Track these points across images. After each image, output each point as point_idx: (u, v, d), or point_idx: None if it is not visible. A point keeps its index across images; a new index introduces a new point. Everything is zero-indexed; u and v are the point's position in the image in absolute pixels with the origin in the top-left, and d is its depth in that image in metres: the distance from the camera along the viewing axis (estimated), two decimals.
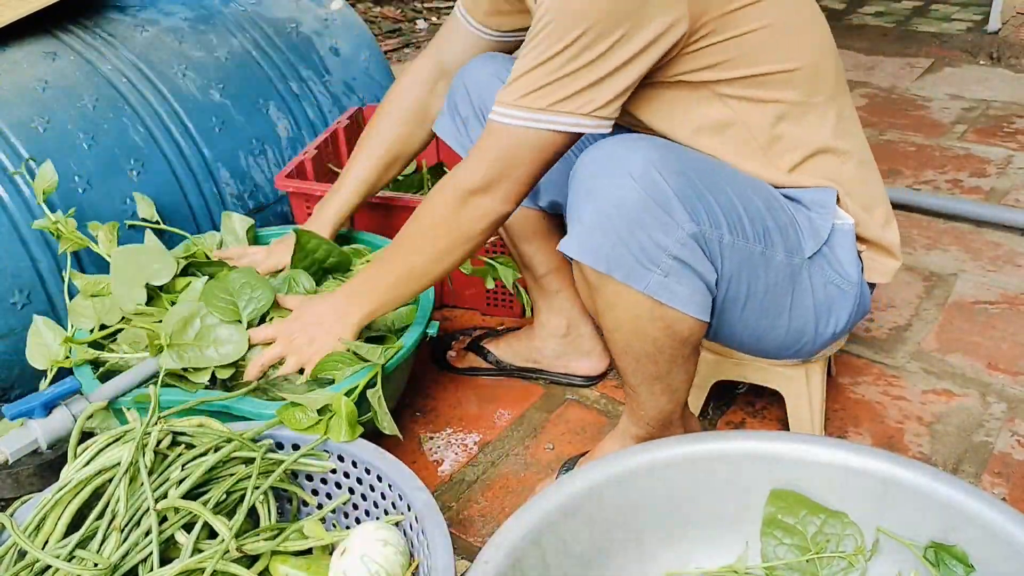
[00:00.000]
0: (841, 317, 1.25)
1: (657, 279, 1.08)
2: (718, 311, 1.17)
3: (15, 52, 1.63)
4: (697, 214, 1.07)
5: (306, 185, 1.73)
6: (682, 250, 1.07)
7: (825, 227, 1.19)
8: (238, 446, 1.10)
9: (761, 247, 1.13)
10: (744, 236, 1.12)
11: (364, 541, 1.02)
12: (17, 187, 1.48)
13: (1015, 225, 2.15)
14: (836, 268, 1.21)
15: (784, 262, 1.16)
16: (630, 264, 1.07)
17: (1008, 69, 3.30)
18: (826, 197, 1.20)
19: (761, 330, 1.23)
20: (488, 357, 1.66)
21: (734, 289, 1.15)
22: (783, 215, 1.17)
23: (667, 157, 1.07)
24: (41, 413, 1.15)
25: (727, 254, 1.11)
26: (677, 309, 1.10)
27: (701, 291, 1.11)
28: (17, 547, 0.99)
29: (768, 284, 1.16)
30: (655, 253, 1.06)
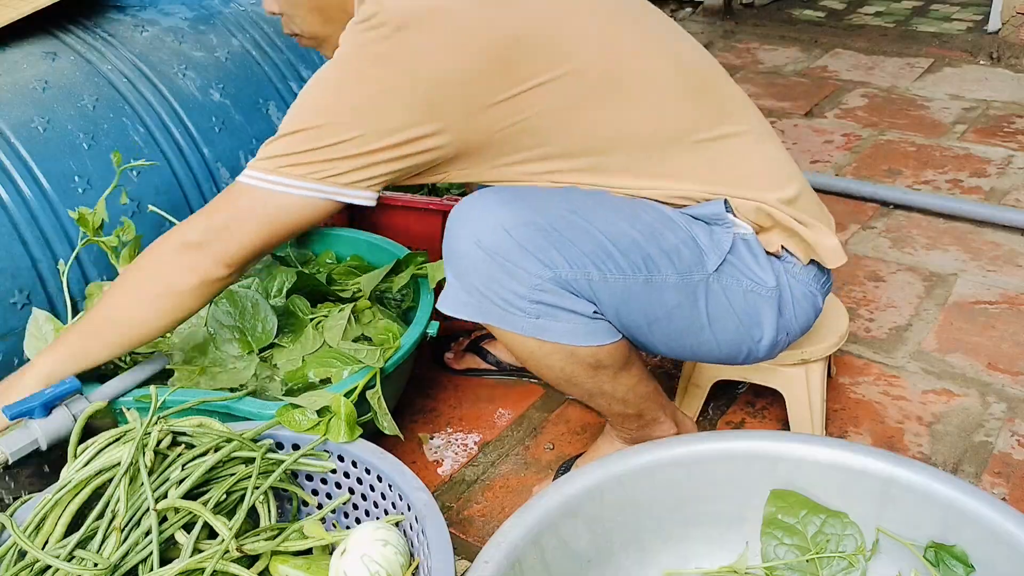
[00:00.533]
0: (771, 320, 1.22)
1: (529, 322, 1.11)
2: (627, 334, 1.18)
3: (15, 52, 1.63)
4: (550, 260, 1.09)
5: None
6: (542, 295, 1.10)
7: (726, 240, 1.18)
8: (238, 446, 1.10)
9: (644, 275, 1.13)
10: (618, 269, 1.11)
11: (364, 541, 1.02)
12: (17, 187, 1.48)
13: (1015, 225, 2.15)
14: (749, 276, 1.20)
15: (679, 283, 1.15)
16: (498, 313, 1.12)
17: (1008, 69, 3.30)
18: (716, 209, 1.18)
19: (689, 346, 1.23)
20: (488, 358, 1.66)
21: (627, 318, 1.15)
22: (670, 237, 1.15)
23: (516, 209, 1.09)
24: (41, 413, 1.15)
25: (599, 288, 1.11)
26: (562, 343, 1.12)
27: (581, 322, 1.12)
28: (17, 547, 0.99)
29: (669, 306, 1.16)
30: (516, 301, 1.10)
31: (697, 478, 1.11)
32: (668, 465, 1.10)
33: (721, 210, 1.18)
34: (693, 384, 1.51)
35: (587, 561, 1.07)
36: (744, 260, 1.19)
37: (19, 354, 1.45)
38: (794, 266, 1.23)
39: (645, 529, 1.12)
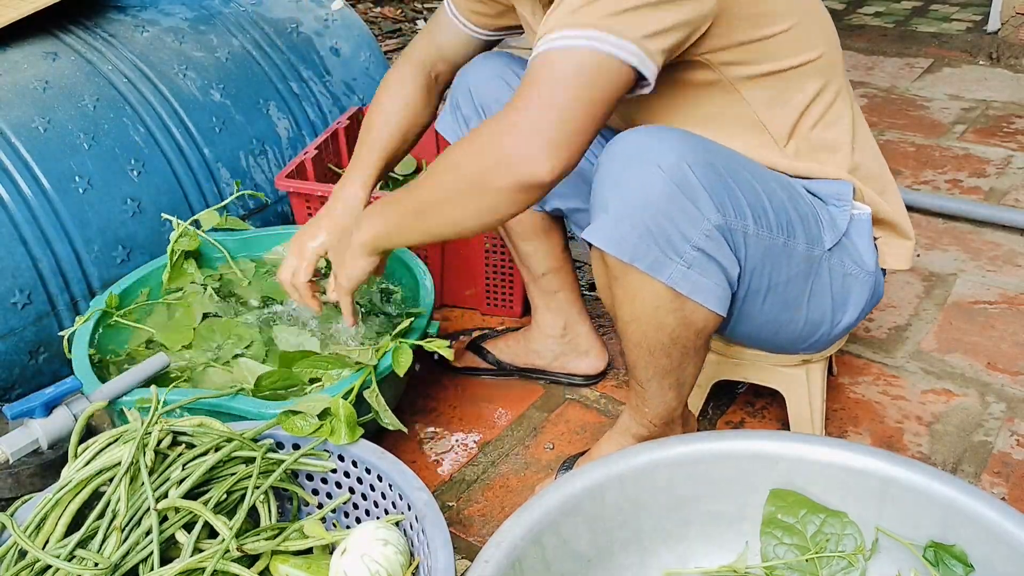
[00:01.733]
0: (856, 307, 1.26)
1: (680, 270, 1.07)
2: (739, 303, 1.17)
3: (15, 52, 1.63)
4: (723, 205, 1.07)
5: (306, 185, 1.73)
6: (707, 242, 1.07)
7: (843, 219, 1.20)
8: (239, 446, 1.10)
9: (784, 238, 1.14)
10: (768, 227, 1.12)
11: (364, 541, 1.02)
12: (17, 187, 1.48)
13: (1015, 225, 2.15)
14: (855, 259, 1.22)
15: (804, 253, 1.17)
16: (655, 254, 1.06)
17: (1007, 69, 3.30)
18: (843, 189, 1.21)
19: (780, 323, 1.23)
20: (488, 358, 1.66)
21: (756, 281, 1.15)
22: (804, 206, 1.17)
23: (696, 148, 1.07)
24: (42, 413, 1.15)
25: (751, 244, 1.11)
26: (696, 301, 1.10)
27: (722, 285, 1.11)
28: (17, 547, 0.99)
29: (789, 275, 1.17)
30: (680, 244, 1.06)
31: (697, 478, 1.11)
32: (668, 465, 1.10)
33: (848, 193, 1.20)
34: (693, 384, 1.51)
35: (587, 561, 1.08)
36: (853, 242, 1.22)
37: (20, 354, 1.45)
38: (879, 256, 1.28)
39: (645, 528, 1.12)
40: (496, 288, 1.81)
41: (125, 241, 1.58)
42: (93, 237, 1.53)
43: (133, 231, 1.59)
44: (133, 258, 1.58)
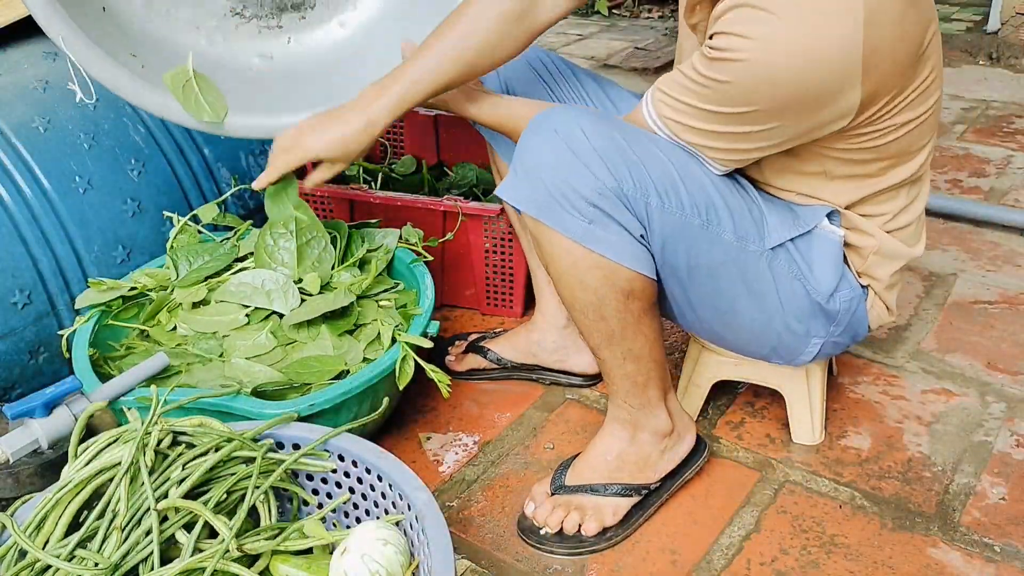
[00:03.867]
0: (815, 327, 1.26)
1: (582, 225, 1.14)
2: (662, 275, 1.21)
3: (15, 52, 1.63)
4: (617, 171, 1.13)
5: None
6: (601, 200, 1.13)
7: (804, 224, 1.22)
8: (239, 446, 1.10)
9: (700, 220, 1.17)
10: (679, 204, 1.16)
11: (364, 540, 1.02)
12: (18, 187, 1.48)
13: (1015, 225, 2.15)
14: (803, 268, 1.23)
15: (733, 244, 1.19)
16: (555, 210, 1.14)
17: (1007, 69, 3.30)
18: (818, 209, 1.23)
19: (721, 313, 1.25)
20: (488, 355, 1.66)
21: (672, 254, 1.18)
22: (738, 201, 1.20)
23: (597, 121, 1.15)
24: (42, 413, 1.15)
25: (655, 216, 1.15)
26: (607, 257, 1.15)
27: (628, 240, 1.16)
28: (17, 547, 0.99)
29: (716, 261, 1.20)
30: (576, 201, 1.13)
31: None
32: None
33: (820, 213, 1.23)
34: (693, 384, 1.51)
35: None
36: (809, 253, 1.23)
37: (20, 354, 1.45)
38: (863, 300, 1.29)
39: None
40: (496, 288, 1.81)
41: (125, 241, 1.58)
42: (93, 237, 1.53)
43: (133, 231, 1.59)
44: (133, 258, 1.59)
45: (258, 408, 1.23)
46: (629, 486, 1.31)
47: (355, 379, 1.28)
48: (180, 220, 1.57)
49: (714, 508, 1.36)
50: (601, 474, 1.32)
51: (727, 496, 1.38)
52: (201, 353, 1.38)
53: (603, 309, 1.19)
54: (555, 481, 1.35)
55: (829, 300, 1.25)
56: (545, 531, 1.30)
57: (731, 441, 1.50)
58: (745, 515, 1.35)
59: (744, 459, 1.46)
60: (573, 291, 1.20)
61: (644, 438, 1.32)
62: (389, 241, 1.59)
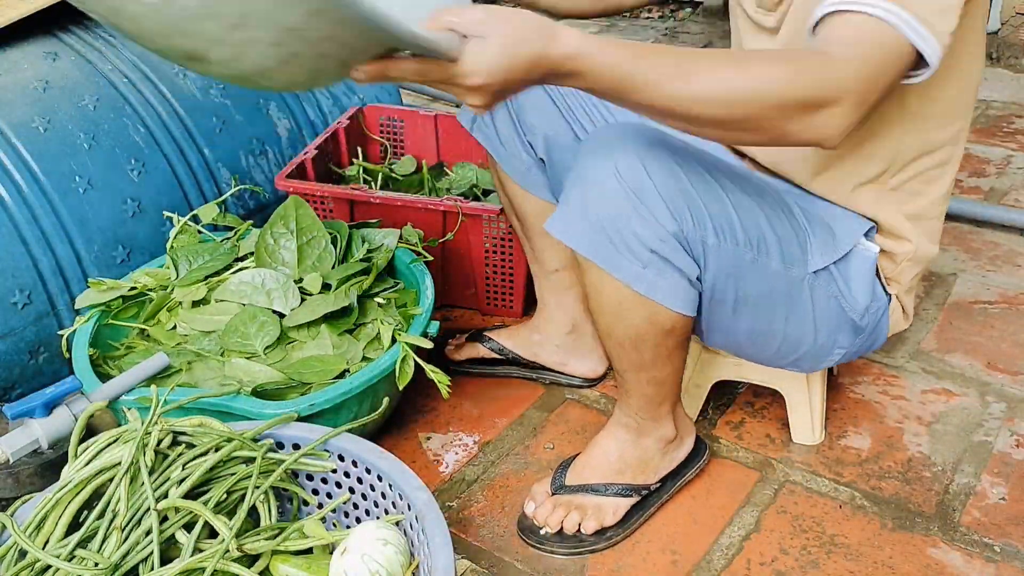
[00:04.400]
0: (842, 339, 1.26)
1: (636, 270, 1.10)
2: (706, 310, 1.18)
3: (15, 52, 1.63)
4: (679, 213, 1.09)
5: (306, 185, 1.73)
6: (662, 246, 1.09)
7: (843, 246, 1.21)
8: (239, 446, 1.10)
9: (752, 254, 1.15)
10: (734, 240, 1.13)
11: (364, 540, 1.02)
12: (18, 187, 1.48)
13: (1015, 225, 2.15)
14: (842, 288, 1.22)
15: (780, 272, 1.17)
16: (610, 252, 1.10)
17: (1008, 69, 3.30)
18: (858, 224, 1.23)
19: (755, 335, 1.24)
20: (489, 344, 1.64)
21: (720, 291, 1.16)
22: (786, 227, 1.18)
23: (659, 153, 1.09)
24: (42, 413, 1.15)
25: (711, 255, 1.12)
26: (656, 301, 1.12)
27: (682, 286, 1.13)
28: (17, 547, 0.99)
29: (760, 291, 1.18)
30: (635, 245, 1.09)
31: None
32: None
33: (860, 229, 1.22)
34: (693, 384, 1.51)
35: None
36: (848, 273, 1.22)
37: (20, 354, 1.45)
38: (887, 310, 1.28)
39: None
40: (496, 288, 1.81)
41: (125, 241, 1.58)
42: (93, 237, 1.53)
43: (133, 231, 1.59)
44: (133, 258, 1.59)
45: (258, 408, 1.23)
46: (629, 487, 1.31)
47: (355, 379, 1.28)
48: (180, 220, 1.57)
49: (714, 508, 1.36)
50: (602, 474, 1.32)
51: (727, 496, 1.38)
52: (200, 351, 1.38)
53: (640, 344, 1.18)
54: (555, 481, 1.35)
55: (863, 316, 1.25)
56: (545, 531, 1.30)
57: (731, 441, 1.50)
58: (745, 515, 1.35)
59: (744, 459, 1.46)
60: (612, 324, 1.17)
61: (647, 443, 1.32)
62: (389, 241, 1.59)
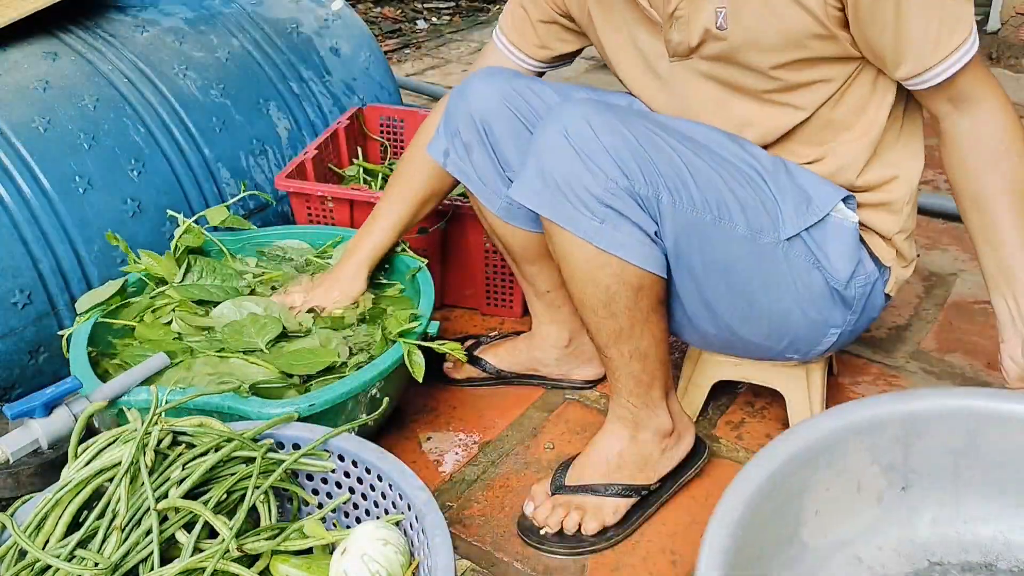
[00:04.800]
0: (834, 315, 1.26)
1: (594, 224, 1.15)
2: (677, 277, 1.21)
3: (15, 52, 1.63)
4: (628, 169, 1.13)
5: (306, 185, 1.73)
6: (613, 199, 1.14)
7: (818, 211, 1.22)
8: (239, 446, 1.10)
9: (712, 216, 1.17)
10: (690, 201, 1.16)
11: (364, 540, 1.02)
12: (17, 187, 1.48)
13: None
14: (819, 257, 1.23)
15: (747, 237, 1.19)
16: (567, 209, 1.15)
17: (1008, 69, 3.30)
18: (833, 192, 1.23)
19: (738, 309, 1.25)
20: (486, 367, 1.63)
21: (685, 252, 1.19)
22: (748, 193, 1.19)
23: (606, 116, 1.15)
24: (42, 413, 1.15)
25: (667, 213, 1.16)
26: (619, 256, 1.15)
27: (640, 239, 1.16)
28: (17, 547, 0.99)
29: (729, 256, 1.20)
30: (588, 200, 1.14)
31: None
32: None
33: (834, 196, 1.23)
34: (693, 384, 1.51)
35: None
36: (824, 241, 1.23)
37: (20, 354, 1.45)
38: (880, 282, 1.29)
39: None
40: (496, 288, 1.81)
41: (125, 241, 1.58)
42: (93, 237, 1.53)
43: (133, 231, 1.59)
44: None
45: (258, 408, 1.23)
46: (629, 486, 1.31)
47: (355, 379, 1.28)
48: (185, 221, 1.56)
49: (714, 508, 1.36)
50: (601, 474, 1.32)
51: None
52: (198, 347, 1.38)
53: (613, 305, 1.20)
54: (555, 481, 1.35)
55: (847, 287, 1.25)
56: (545, 531, 1.30)
57: (731, 441, 1.50)
58: None
59: (744, 459, 1.46)
60: (584, 288, 1.20)
61: (645, 437, 1.32)
62: None
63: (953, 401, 1.11)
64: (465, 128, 1.38)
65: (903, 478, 1.11)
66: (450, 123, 1.40)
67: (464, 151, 1.40)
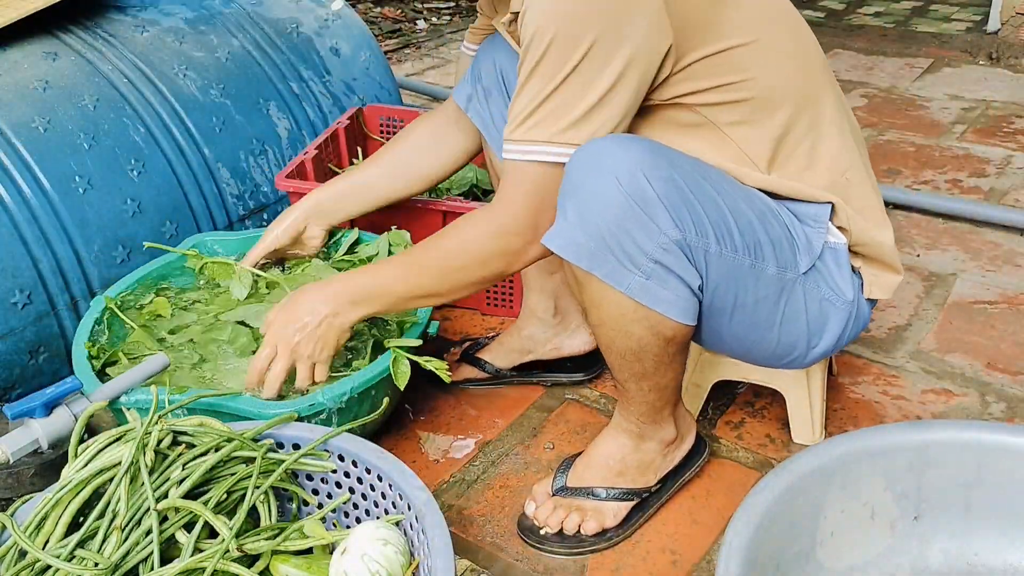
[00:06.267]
0: (833, 333, 1.26)
1: (638, 281, 1.09)
2: (705, 318, 1.18)
3: (15, 52, 1.63)
4: (682, 221, 1.08)
5: (306, 185, 1.73)
6: (664, 255, 1.08)
7: (818, 242, 1.20)
8: (239, 446, 1.10)
9: (750, 260, 1.14)
10: (732, 247, 1.12)
11: (364, 540, 1.02)
12: (18, 187, 1.48)
13: (1015, 225, 2.15)
14: (830, 284, 1.22)
15: (775, 276, 1.17)
16: (611, 264, 1.08)
17: (1007, 69, 3.30)
18: (821, 212, 1.21)
19: (750, 341, 1.24)
20: (486, 367, 1.63)
21: (720, 298, 1.16)
22: (776, 229, 1.17)
23: (658, 161, 1.08)
24: (42, 413, 1.15)
25: (713, 263, 1.12)
26: (659, 312, 1.11)
27: (684, 296, 1.12)
28: (17, 547, 0.99)
29: (758, 296, 1.17)
30: (636, 256, 1.08)
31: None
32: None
33: (824, 215, 1.20)
34: (693, 384, 1.51)
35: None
36: (829, 268, 1.21)
37: (20, 354, 1.45)
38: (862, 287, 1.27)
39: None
40: (496, 288, 1.81)
41: (125, 241, 1.58)
42: (93, 237, 1.53)
43: (133, 231, 1.59)
44: (133, 258, 1.59)
45: (258, 408, 1.23)
46: (631, 491, 1.31)
47: (355, 379, 1.28)
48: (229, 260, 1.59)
49: (714, 508, 1.36)
50: (603, 477, 1.32)
51: (727, 496, 1.38)
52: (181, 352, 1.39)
53: (642, 355, 1.17)
54: (556, 481, 1.35)
55: (852, 307, 1.24)
56: (545, 531, 1.30)
57: (731, 441, 1.50)
58: None
59: (744, 459, 1.46)
60: (613, 338, 1.17)
61: (649, 447, 1.32)
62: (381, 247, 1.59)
63: (964, 433, 1.12)
64: (487, 74, 1.45)
65: (915, 507, 1.12)
66: (475, 69, 1.48)
67: (484, 96, 1.46)
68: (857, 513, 1.10)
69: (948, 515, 1.13)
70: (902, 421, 1.54)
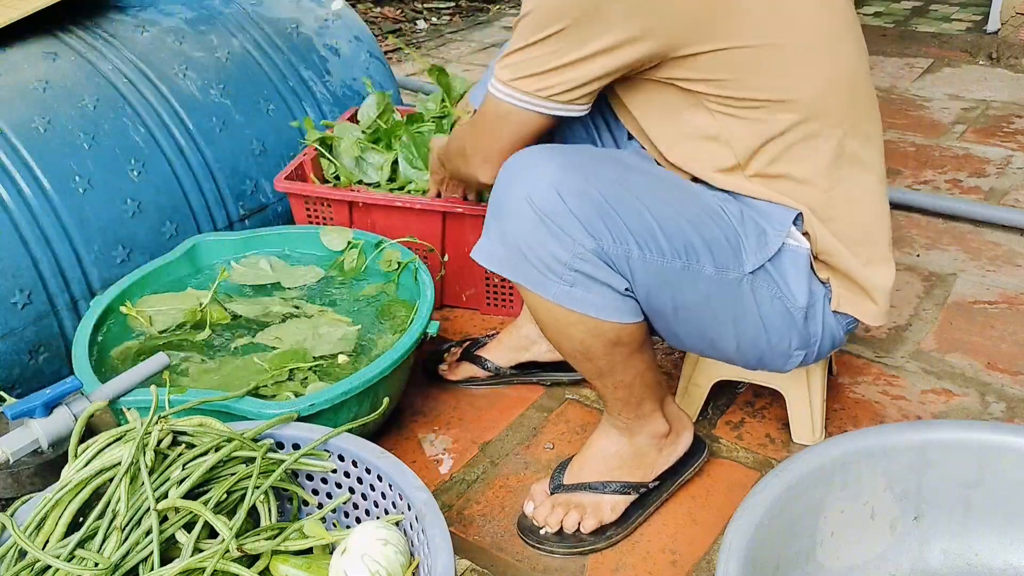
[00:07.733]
0: (795, 340, 1.25)
1: (562, 288, 1.13)
2: (652, 319, 1.20)
3: (15, 52, 1.63)
4: (597, 231, 1.11)
5: (306, 187, 1.73)
6: (583, 264, 1.12)
7: (775, 243, 1.20)
8: (239, 446, 1.10)
9: (682, 262, 1.15)
10: (659, 252, 1.14)
11: (364, 540, 1.02)
12: (18, 187, 1.48)
13: (1015, 225, 2.15)
14: (780, 286, 1.21)
15: (714, 276, 1.17)
16: (533, 274, 1.14)
17: (1007, 69, 3.30)
18: (785, 215, 1.20)
19: (707, 340, 1.25)
20: (486, 365, 1.63)
21: (657, 299, 1.17)
22: (715, 230, 1.17)
23: (572, 176, 1.12)
24: (42, 412, 1.15)
25: (638, 268, 1.14)
26: (590, 315, 1.14)
27: (611, 297, 1.14)
28: (17, 547, 0.99)
29: (699, 297, 1.18)
30: (554, 265, 1.12)
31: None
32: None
33: (787, 219, 1.20)
34: (693, 384, 1.51)
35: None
36: (783, 270, 1.21)
37: (20, 353, 1.45)
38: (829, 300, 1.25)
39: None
40: (496, 288, 1.81)
41: (125, 241, 1.58)
42: (93, 237, 1.54)
43: (133, 231, 1.59)
44: (133, 258, 1.59)
45: (258, 408, 1.23)
46: (627, 484, 1.32)
47: (355, 379, 1.28)
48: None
49: (714, 508, 1.36)
50: (599, 472, 1.32)
51: (727, 496, 1.38)
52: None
53: (590, 354, 1.20)
54: (554, 480, 1.35)
55: (805, 314, 1.23)
56: (545, 531, 1.30)
57: (731, 441, 1.50)
58: None
59: (744, 459, 1.46)
60: (559, 342, 1.21)
61: (641, 440, 1.32)
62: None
63: (964, 433, 1.12)
64: None
65: (915, 508, 1.13)
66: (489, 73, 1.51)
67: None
68: (857, 513, 1.10)
69: (948, 515, 1.13)
70: (902, 421, 1.54)
